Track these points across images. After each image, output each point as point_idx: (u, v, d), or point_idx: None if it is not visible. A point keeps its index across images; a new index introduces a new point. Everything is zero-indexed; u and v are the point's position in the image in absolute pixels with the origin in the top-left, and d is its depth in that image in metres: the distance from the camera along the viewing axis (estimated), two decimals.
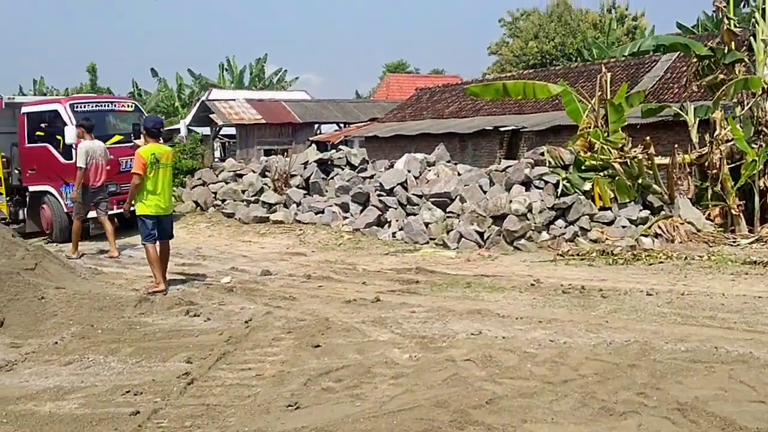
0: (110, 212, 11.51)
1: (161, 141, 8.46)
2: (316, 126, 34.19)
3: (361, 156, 13.97)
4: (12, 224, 13.00)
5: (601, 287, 7.48)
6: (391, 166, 13.24)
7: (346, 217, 12.23)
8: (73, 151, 11.97)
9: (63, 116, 12.44)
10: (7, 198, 13.06)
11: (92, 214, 11.72)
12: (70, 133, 11.93)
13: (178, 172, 19.02)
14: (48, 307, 6.50)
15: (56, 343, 5.82)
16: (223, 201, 14.32)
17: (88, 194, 11.09)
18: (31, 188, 12.99)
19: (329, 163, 14.03)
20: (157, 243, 8.09)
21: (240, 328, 6.06)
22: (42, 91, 45.47)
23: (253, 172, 14.84)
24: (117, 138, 13.68)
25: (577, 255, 9.44)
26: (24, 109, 12.99)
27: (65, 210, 12.48)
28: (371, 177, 12.86)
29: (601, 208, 10.53)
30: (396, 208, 11.84)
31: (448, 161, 13.40)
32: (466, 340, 5.56)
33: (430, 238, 10.92)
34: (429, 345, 5.44)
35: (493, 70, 41.11)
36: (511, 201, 10.46)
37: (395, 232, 11.28)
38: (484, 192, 11.23)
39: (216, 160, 28.34)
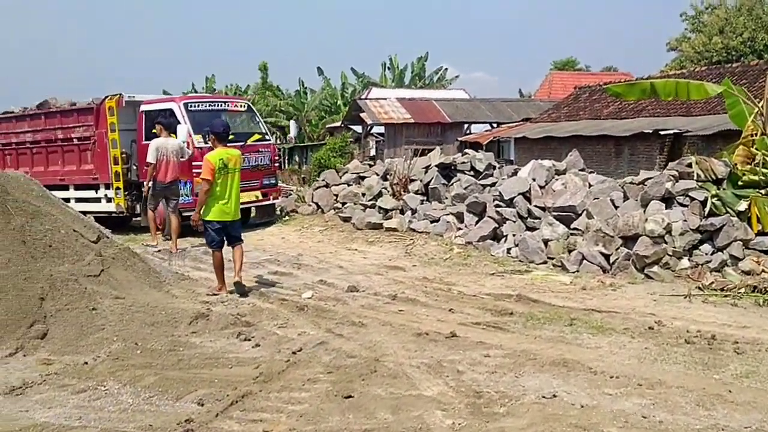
0: None
1: (228, 145, 8.03)
2: (466, 126, 33.15)
3: (486, 161, 12.82)
4: (131, 218, 13.66)
5: (738, 338, 5.96)
6: (515, 173, 12.01)
7: (460, 228, 11.20)
8: (186, 149, 12.13)
9: (177, 115, 12.68)
10: (126, 192, 13.42)
11: None
12: (183, 132, 12.11)
13: (323, 170, 19.06)
14: (97, 319, 6.16)
15: (86, 363, 5.42)
16: (343, 204, 13.79)
17: (157, 189, 11.58)
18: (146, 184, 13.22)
19: (452, 168, 13.03)
20: (226, 249, 7.68)
21: (279, 362, 5.34)
22: (212, 88, 48.15)
23: (376, 174, 14.18)
24: (257, 137, 13.72)
25: (721, 290, 7.80)
26: (142, 107, 13.33)
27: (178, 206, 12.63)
28: (492, 185, 11.71)
29: (759, 233, 8.70)
30: (514, 221, 10.65)
31: (582, 169, 11.93)
32: (533, 405, 4.45)
33: (548, 258, 9.65)
34: (483, 408, 4.40)
35: (672, 68, 37.75)
36: (646, 220, 8.95)
37: (510, 248, 10.11)
38: (616, 207, 9.75)
39: (367, 159, 28.17)
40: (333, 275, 8.98)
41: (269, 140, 14.84)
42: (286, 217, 14.39)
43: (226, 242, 7.99)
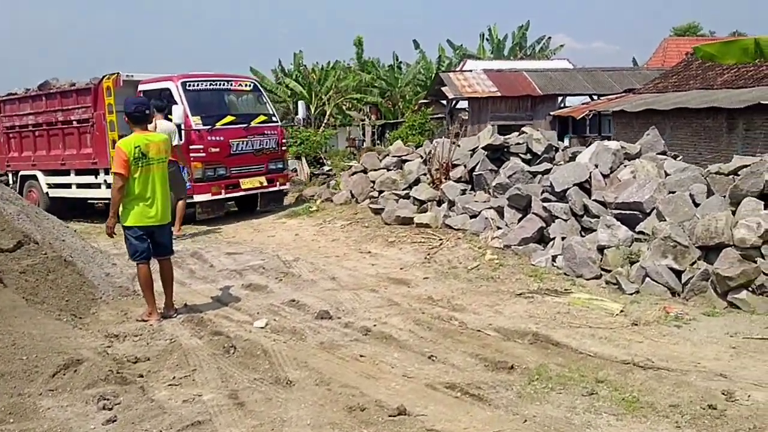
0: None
1: (149, 128, 6.30)
2: (560, 99, 30.12)
3: (546, 142, 10.49)
4: None
5: None
6: (572, 157, 9.65)
7: (499, 227, 9.03)
8: (183, 132, 11.22)
9: (174, 95, 11.46)
10: None
11: (201, 197, 11.77)
12: (177, 113, 10.95)
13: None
14: None
15: None
16: (380, 192, 11.87)
17: None
18: None
19: (505, 150, 10.79)
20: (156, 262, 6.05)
21: None
22: (299, 64, 46.81)
23: (420, 158, 12.14)
24: (262, 118, 12.46)
25: None
26: (140, 87, 12.16)
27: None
28: (546, 172, 9.40)
29: None
30: (566, 220, 8.39)
31: (663, 153, 9.41)
32: None
33: (604, 270, 7.38)
34: None
35: None
36: (735, 224, 6.55)
37: (556, 256, 7.89)
38: (696, 205, 7.34)
39: (452, 137, 26.07)
40: (315, 292, 7.15)
41: (276, 122, 13.24)
42: (314, 207, 12.64)
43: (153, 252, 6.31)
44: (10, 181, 14.16)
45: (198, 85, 12.16)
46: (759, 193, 6.86)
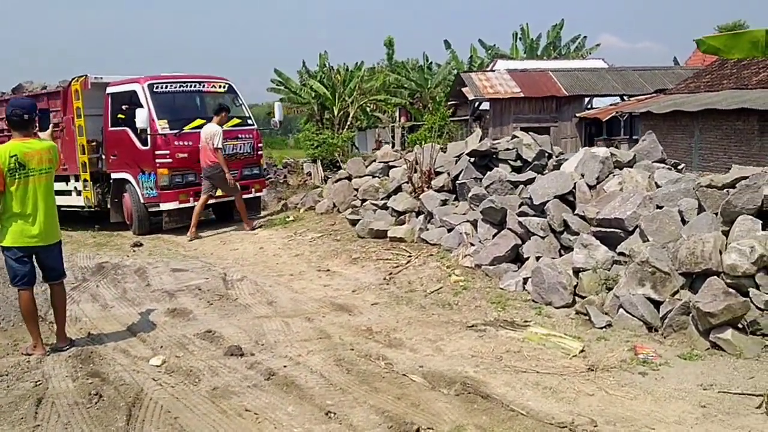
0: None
1: (33, 134, 5.48)
2: (587, 100, 28.78)
3: (536, 148, 9.47)
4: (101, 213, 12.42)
5: None
6: (557, 166, 8.62)
7: (472, 244, 8.07)
8: (149, 137, 10.77)
9: (140, 97, 10.82)
10: (97, 185, 12.03)
11: (168, 206, 11.23)
12: (141, 117, 10.37)
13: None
14: None
15: None
16: (362, 202, 10.99)
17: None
18: (113, 175, 11.83)
19: (493, 156, 9.80)
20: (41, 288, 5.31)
21: None
22: (323, 64, 45.90)
23: (408, 162, 11.20)
24: (235, 121, 11.77)
25: None
26: (108, 90, 11.54)
27: (142, 200, 11.30)
28: (528, 182, 8.40)
29: None
30: (544, 237, 7.40)
31: (662, 160, 8.34)
32: None
33: (577, 297, 6.40)
34: None
35: None
36: (726, 247, 5.54)
37: (527, 278, 6.92)
38: (685, 223, 6.30)
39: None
40: (242, 320, 6.32)
41: (252, 125, 12.46)
42: (291, 217, 11.81)
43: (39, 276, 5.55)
44: None
45: (166, 87, 11.49)
46: (756, 210, 5.81)
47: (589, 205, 7.39)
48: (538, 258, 7.14)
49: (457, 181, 9.67)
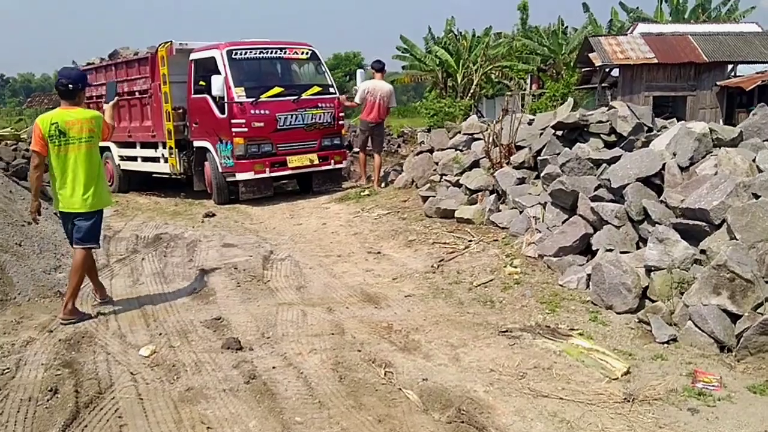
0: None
1: (75, 104, 5.51)
2: (730, 67, 25.88)
3: (633, 121, 8.23)
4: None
5: None
6: (647, 143, 7.39)
7: (539, 230, 7.10)
8: (225, 105, 10.73)
9: (218, 64, 10.77)
10: (183, 153, 11.89)
11: (243, 176, 10.98)
12: (218, 84, 10.44)
13: None
14: None
15: None
16: (441, 177, 10.18)
17: (364, 128, 11.89)
18: (195, 143, 11.66)
19: (584, 129, 8.67)
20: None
21: None
22: (449, 31, 44.40)
23: (487, 135, 10.22)
24: (315, 89, 11.34)
25: None
26: (192, 56, 11.41)
27: (220, 170, 11.10)
28: (612, 161, 7.26)
29: None
30: (619, 226, 6.33)
31: None
32: None
33: (650, 299, 5.37)
34: None
35: None
36: None
37: (591, 275, 5.92)
38: None
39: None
40: (259, 307, 5.85)
41: (333, 93, 11.79)
42: (366, 192, 11.19)
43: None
44: None
45: (246, 54, 11.16)
46: None
47: (675, 190, 6.24)
48: (609, 251, 6.11)
49: (539, 158, 8.64)
